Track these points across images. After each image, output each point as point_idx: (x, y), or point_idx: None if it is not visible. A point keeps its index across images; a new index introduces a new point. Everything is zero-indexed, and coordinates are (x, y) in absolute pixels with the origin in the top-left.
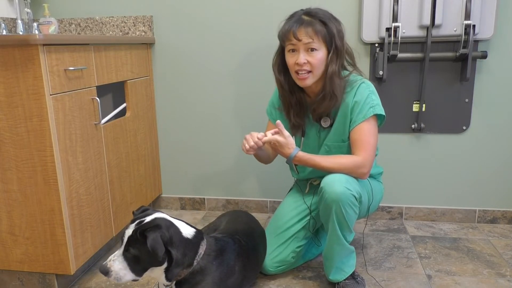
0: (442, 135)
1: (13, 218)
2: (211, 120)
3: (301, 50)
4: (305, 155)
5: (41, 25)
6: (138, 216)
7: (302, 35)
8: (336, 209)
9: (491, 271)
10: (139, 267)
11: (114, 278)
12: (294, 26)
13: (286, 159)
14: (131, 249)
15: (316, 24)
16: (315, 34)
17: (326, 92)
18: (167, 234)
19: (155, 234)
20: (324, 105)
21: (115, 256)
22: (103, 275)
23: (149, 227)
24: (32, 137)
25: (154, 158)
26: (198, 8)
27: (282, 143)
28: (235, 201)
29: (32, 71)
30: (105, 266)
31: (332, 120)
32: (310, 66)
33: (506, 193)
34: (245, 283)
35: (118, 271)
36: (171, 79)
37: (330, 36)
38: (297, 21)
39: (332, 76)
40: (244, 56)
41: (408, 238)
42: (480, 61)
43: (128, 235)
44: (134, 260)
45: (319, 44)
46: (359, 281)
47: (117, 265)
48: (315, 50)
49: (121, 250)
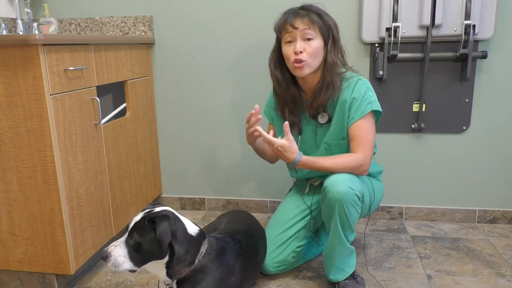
0: (442, 135)
1: (13, 218)
2: (211, 120)
3: (298, 39)
4: (309, 159)
5: (41, 25)
6: (148, 207)
7: (298, 23)
8: (339, 209)
9: (491, 271)
10: (139, 256)
11: (112, 264)
12: (290, 17)
13: (289, 164)
14: (135, 236)
15: (312, 14)
16: (312, 23)
17: (324, 82)
18: (174, 227)
19: (164, 222)
20: (321, 96)
21: (118, 242)
22: (102, 260)
23: (159, 215)
24: (32, 137)
25: (154, 158)
26: (198, 8)
27: (287, 147)
28: (235, 201)
29: (32, 71)
30: (106, 251)
31: (329, 116)
32: (307, 54)
33: (506, 193)
34: (245, 283)
35: (117, 257)
36: (171, 79)
37: (326, 27)
38: (293, 12)
39: (332, 65)
40: (244, 56)
41: (408, 238)
42: (480, 61)
43: (135, 221)
44: (136, 247)
45: (316, 33)
46: (359, 281)
47: (118, 251)
48: (311, 39)
49: (124, 236)
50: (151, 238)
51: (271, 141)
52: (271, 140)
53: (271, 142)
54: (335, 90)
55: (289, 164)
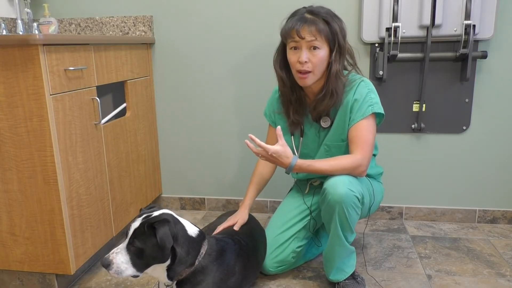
0: (442, 135)
1: (13, 218)
2: (211, 120)
3: (303, 48)
4: (304, 162)
5: (41, 25)
6: (145, 211)
7: (305, 33)
8: (339, 211)
9: (491, 271)
10: (141, 262)
11: (115, 271)
12: (297, 24)
13: (286, 169)
14: (136, 242)
15: (319, 22)
16: (318, 33)
17: (327, 90)
18: (174, 230)
19: (165, 227)
20: (324, 104)
21: (118, 249)
22: (104, 268)
23: (158, 220)
24: (32, 137)
25: (154, 158)
26: (198, 8)
27: (280, 152)
28: (235, 201)
29: (32, 71)
30: (107, 259)
31: (332, 120)
32: (312, 65)
33: (506, 193)
34: (245, 283)
35: (120, 265)
36: (171, 79)
37: (333, 35)
38: (300, 19)
39: (336, 74)
40: (244, 56)
41: (408, 238)
42: (480, 61)
43: (135, 228)
44: (138, 254)
45: (322, 43)
46: (359, 281)
47: (119, 258)
48: (317, 48)
49: (125, 243)
50: (153, 244)
51: (265, 147)
52: (265, 147)
53: (266, 149)
54: (338, 98)
55: (285, 170)
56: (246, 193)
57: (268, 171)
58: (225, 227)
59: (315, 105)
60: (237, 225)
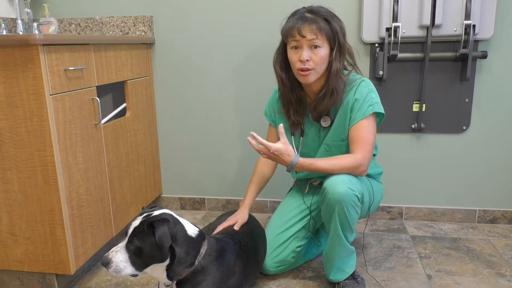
0: (442, 135)
1: (13, 218)
2: (211, 120)
3: (304, 47)
4: (306, 161)
5: (41, 25)
6: (146, 210)
7: (306, 32)
8: (339, 210)
9: (491, 271)
10: (140, 261)
11: (114, 270)
12: (298, 23)
13: (287, 167)
14: (135, 241)
15: (319, 21)
16: (319, 31)
17: (328, 89)
18: (174, 230)
19: (164, 226)
20: (324, 103)
21: (118, 248)
22: (104, 266)
23: (158, 219)
24: (32, 137)
25: (154, 158)
26: (198, 8)
27: (282, 149)
28: (235, 201)
29: (32, 71)
30: (107, 257)
31: (332, 120)
32: (313, 63)
33: (506, 193)
34: (245, 283)
35: (119, 263)
36: (171, 79)
37: (333, 34)
38: (301, 18)
39: (336, 73)
40: (244, 56)
41: (408, 238)
42: (480, 61)
43: (134, 226)
44: (137, 252)
45: (322, 41)
46: (359, 281)
47: (119, 256)
48: (318, 47)
49: (124, 242)
50: (151, 243)
51: (267, 145)
52: (267, 145)
53: (268, 147)
54: (338, 97)
55: (287, 168)
56: (246, 193)
57: (269, 170)
58: (225, 227)
59: (315, 104)
60: (237, 225)
